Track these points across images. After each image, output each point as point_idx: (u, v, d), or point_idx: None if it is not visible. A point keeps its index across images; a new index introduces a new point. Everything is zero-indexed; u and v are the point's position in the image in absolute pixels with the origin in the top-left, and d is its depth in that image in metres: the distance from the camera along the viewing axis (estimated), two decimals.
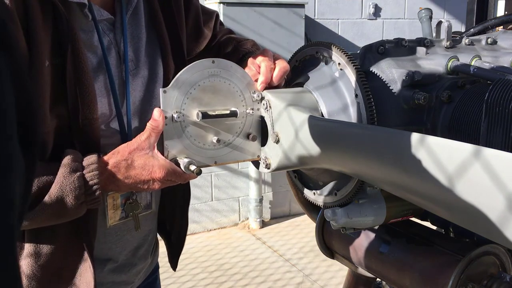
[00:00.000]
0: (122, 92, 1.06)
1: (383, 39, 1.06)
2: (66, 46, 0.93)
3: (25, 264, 0.99)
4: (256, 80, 1.03)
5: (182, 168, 0.95)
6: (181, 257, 1.39)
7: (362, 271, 1.27)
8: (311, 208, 1.35)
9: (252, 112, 1.02)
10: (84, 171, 0.92)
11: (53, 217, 0.94)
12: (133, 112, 1.08)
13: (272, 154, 1.02)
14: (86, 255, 1.03)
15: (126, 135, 1.06)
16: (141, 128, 1.09)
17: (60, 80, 0.94)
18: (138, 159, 0.94)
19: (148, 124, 0.94)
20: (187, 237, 1.38)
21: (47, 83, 0.92)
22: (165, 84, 1.14)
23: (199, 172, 0.94)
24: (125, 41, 1.06)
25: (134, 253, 1.19)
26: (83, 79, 0.95)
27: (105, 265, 1.13)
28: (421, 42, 1.08)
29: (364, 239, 1.18)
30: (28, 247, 0.99)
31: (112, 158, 0.95)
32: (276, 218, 4.37)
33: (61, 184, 0.91)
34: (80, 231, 1.01)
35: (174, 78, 0.94)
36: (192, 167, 0.94)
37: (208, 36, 1.32)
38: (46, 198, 0.91)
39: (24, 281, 0.99)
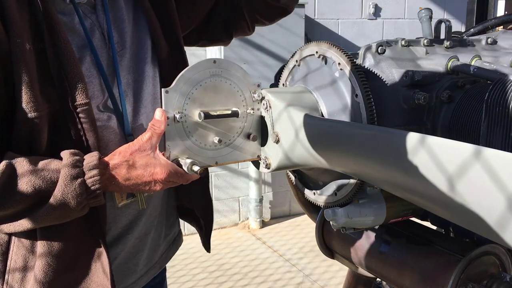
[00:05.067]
0: (112, 72, 1.06)
1: (383, 39, 1.06)
2: (43, 30, 0.94)
3: (40, 256, 1.00)
4: None
5: (185, 168, 0.95)
6: (181, 257, 1.40)
7: (362, 271, 1.27)
8: (311, 208, 1.35)
9: (253, 112, 1.02)
10: (85, 177, 0.92)
11: (58, 219, 0.96)
12: (127, 93, 1.08)
13: (272, 154, 1.02)
14: (98, 240, 1.04)
15: (121, 116, 1.06)
16: (137, 110, 1.10)
17: (45, 64, 0.95)
18: (139, 160, 0.94)
19: (149, 124, 0.94)
20: (187, 237, 1.39)
21: (32, 66, 0.92)
22: (160, 66, 1.15)
23: (202, 173, 0.94)
24: (108, 22, 1.07)
25: (142, 240, 1.19)
26: (67, 62, 0.96)
27: (116, 256, 1.13)
28: (421, 42, 1.08)
29: (364, 239, 1.18)
30: (40, 239, 1.00)
31: (113, 159, 0.95)
32: (276, 218, 4.37)
33: (63, 192, 0.91)
34: (90, 217, 1.01)
35: (176, 78, 0.94)
36: (196, 168, 0.94)
37: (208, 2, 1.31)
38: (49, 204, 0.92)
39: (40, 272, 0.99)
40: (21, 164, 0.90)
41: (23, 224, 0.94)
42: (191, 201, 1.31)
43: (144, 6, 1.14)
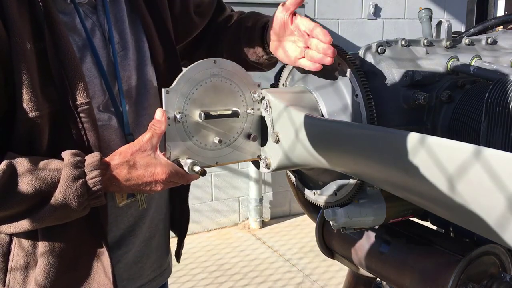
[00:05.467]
0: (112, 73, 1.06)
1: (383, 39, 1.06)
2: (44, 30, 0.94)
3: (41, 256, 0.99)
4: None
5: (186, 169, 0.95)
6: (181, 257, 1.39)
7: (362, 271, 1.27)
8: (311, 208, 1.35)
9: (253, 112, 1.02)
10: (87, 177, 0.92)
11: (59, 220, 0.96)
12: (128, 94, 1.08)
13: (272, 154, 1.02)
14: (100, 240, 1.04)
15: (122, 117, 1.06)
16: (138, 110, 1.10)
17: (46, 64, 0.94)
18: (140, 161, 0.94)
19: (150, 125, 0.94)
20: (187, 237, 1.38)
21: (32, 66, 0.92)
22: (156, 69, 1.15)
23: (203, 173, 0.94)
24: (108, 23, 1.07)
25: (147, 244, 1.19)
26: (68, 62, 0.96)
27: (119, 259, 1.13)
28: (421, 42, 1.08)
29: (364, 239, 1.18)
30: (42, 239, 0.99)
31: (114, 159, 0.95)
32: (276, 218, 4.37)
33: (64, 193, 0.91)
34: (91, 217, 1.01)
35: (176, 79, 0.94)
36: (197, 168, 0.94)
37: (199, 24, 1.32)
38: (51, 204, 0.91)
39: (41, 272, 0.99)
40: (22, 164, 0.90)
41: (25, 224, 0.93)
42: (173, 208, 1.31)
43: (140, 11, 1.14)
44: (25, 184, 0.89)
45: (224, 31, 1.32)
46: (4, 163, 0.89)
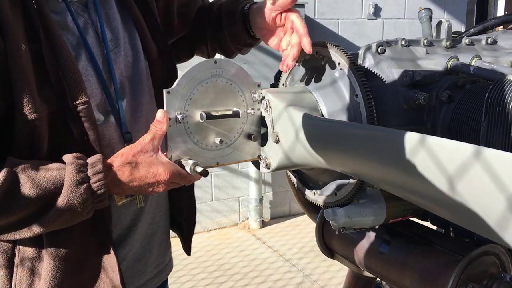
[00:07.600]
0: (107, 70, 1.06)
1: (383, 39, 1.06)
2: (38, 30, 0.93)
3: (47, 259, 0.98)
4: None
5: (188, 170, 0.95)
6: (181, 257, 1.40)
7: (363, 271, 1.27)
8: (311, 208, 1.35)
9: (253, 112, 1.02)
10: (91, 181, 0.91)
11: (64, 224, 0.95)
12: (123, 91, 1.08)
13: (272, 154, 1.02)
14: (105, 240, 1.03)
15: (118, 113, 1.05)
16: (135, 107, 1.10)
17: (41, 65, 0.93)
18: (142, 162, 0.94)
19: (151, 126, 0.93)
20: None
21: (28, 68, 0.91)
22: (150, 66, 1.15)
23: (206, 174, 0.94)
24: (100, 20, 1.06)
25: (149, 241, 1.19)
26: (64, 61, 0.95)
27: (124, 257, 1.13)
28: (421, 42, 1.08)
29: (364, 239, 1.18)
30: (46, 242, 0.98)
31: (116, 161, 0.94)
32: (276, 218, 4.37)
33: (69, 198, 0.90)
34: (95, 218, 1.00)
35: (177, 79, 0.94)
36: (199, 169, 0.94)
37: (180, 28, 1.32)
38: (55, 210, 0.90)
39: (48, 276, 0.98)
40: (23, 170, 0.88)
41: (29, 230, 0.92)
42: (176, 206, 1.31)
43: (130, 6, 1.14)
44: (28, 190, 0.88)
45: (206, 24, 1.33)
46: (5, 169, 0.87)
